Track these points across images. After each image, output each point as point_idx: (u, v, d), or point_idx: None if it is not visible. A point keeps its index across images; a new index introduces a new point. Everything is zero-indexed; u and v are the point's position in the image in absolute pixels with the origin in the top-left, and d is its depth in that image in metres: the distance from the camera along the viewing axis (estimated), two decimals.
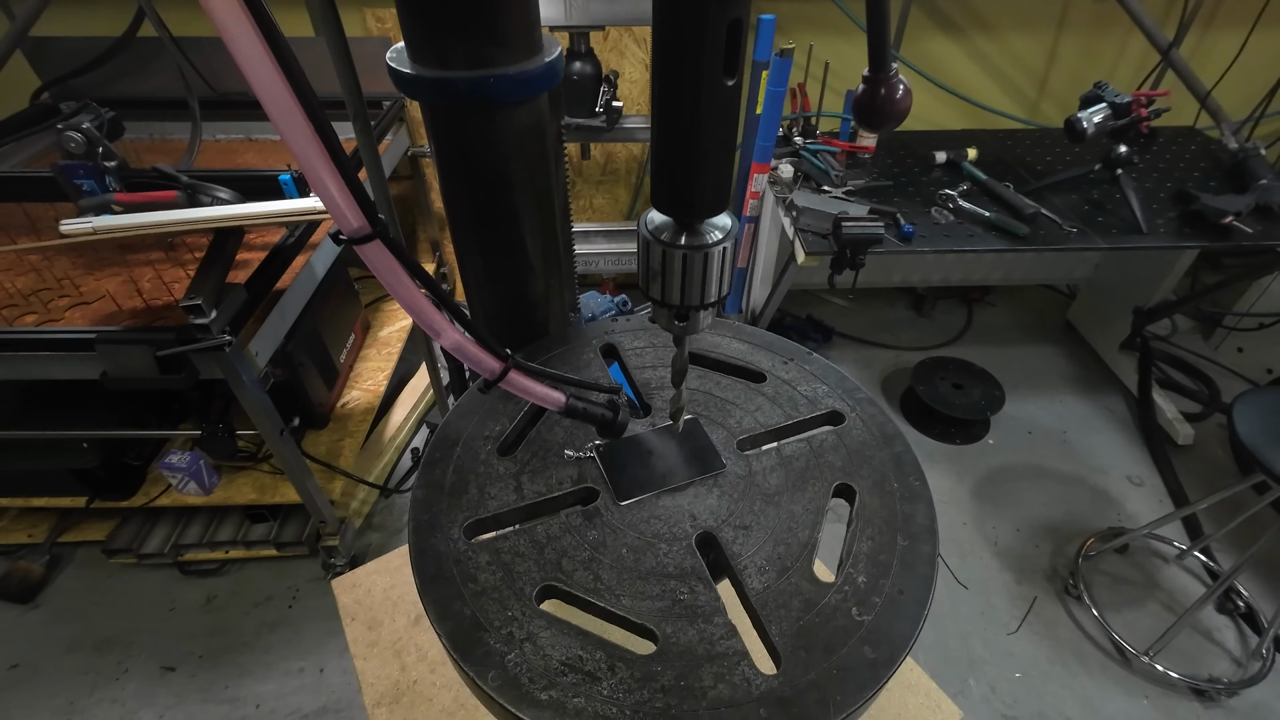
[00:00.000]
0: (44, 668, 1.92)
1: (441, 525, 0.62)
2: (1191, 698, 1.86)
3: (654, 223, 0.48)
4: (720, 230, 0.48)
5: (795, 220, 1.98)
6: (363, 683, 1.15)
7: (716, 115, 0.40)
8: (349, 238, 0.41)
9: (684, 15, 0.36)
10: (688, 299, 0.50)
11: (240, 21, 0.33)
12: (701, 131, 0.41)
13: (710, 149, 0.42)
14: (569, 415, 0.63)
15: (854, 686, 0.51)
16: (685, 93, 0.39)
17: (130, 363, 1.44)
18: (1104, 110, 1.92)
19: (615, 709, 0.49)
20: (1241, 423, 1.58)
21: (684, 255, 0.47)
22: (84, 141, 1.79)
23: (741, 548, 0.61)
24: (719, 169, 0.44)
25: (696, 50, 0.37)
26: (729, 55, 0.37)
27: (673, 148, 0.43)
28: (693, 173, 0.43)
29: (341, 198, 0.39)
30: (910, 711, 1.11)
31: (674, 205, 0.46)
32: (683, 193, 0.45)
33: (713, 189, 0.44)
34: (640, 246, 0.49)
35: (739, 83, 0.40)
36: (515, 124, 0.71)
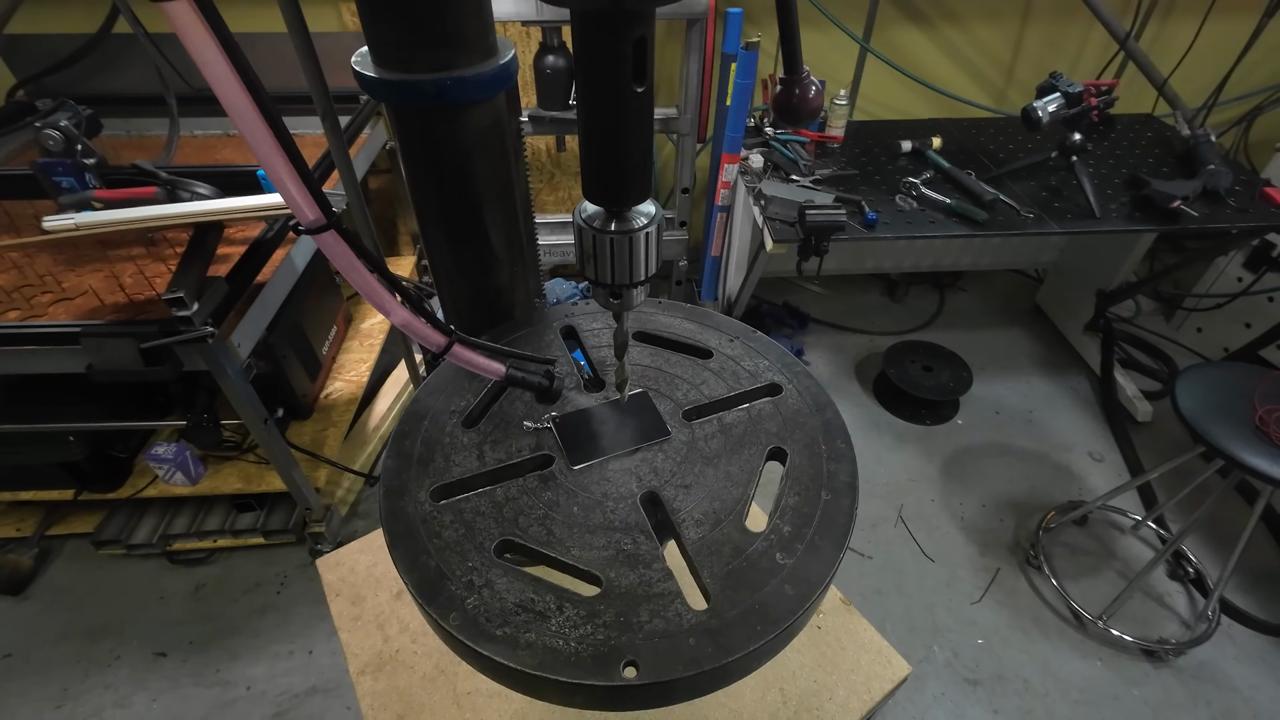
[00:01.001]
0: (36, 657, 1.97)
1: (410, 490, 0.68)
2: (1142, 659, 1.96)
3: (586, 212, 0.54)
4: (645, 216, 0.54)
5: (764, 209, 2.05)
6: (347, 653, 1.21)
7: (632, 118, 0.46)
8: (305, 229, 0.47)
9: (596, 36, 0.42)
10: (619, 278, 0.56)
11: (196, 26, 0.38)
12: (620, 132, 0.47)
13: (629, 147, 0.48)
14: (509, 384, 0.69)
15: (773, 618, 0.58)
16: (604, 100, 0.45)
17: (115, 355, 1.48)
18: (1058, 99, 2.00)
19: (562, 641, 0.56)
20: (1183, 396, 1.67)
21: (612, 239, 0.53)
22: (63, 139, 1.82)
23: (681, 504, 0.68)
24: (639, 163, 0.50)
25: (610, 65, 0.43)
26: (637, 67, 0.44)
27: (597, 147, 0.49)
28: (617, 167, 0.50)
29: (298, 192, 0.45)
30: (863, 668, 1.19)
31: (603, 196, 0.53)
32: (609, 185, 0.51)
33: (635, 181, 0.51)
34: (575, 234, 0.55)
35: (650, 89, 0.46)
36: (476, 123, 0.76)
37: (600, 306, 0.87)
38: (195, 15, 0.38)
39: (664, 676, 0.54)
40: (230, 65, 0.40)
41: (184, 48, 0.41)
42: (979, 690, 1.91)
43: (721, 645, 0.56)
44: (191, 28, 0.38)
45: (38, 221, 2.04)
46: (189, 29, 0.38)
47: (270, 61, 2.54)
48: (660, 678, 0.54)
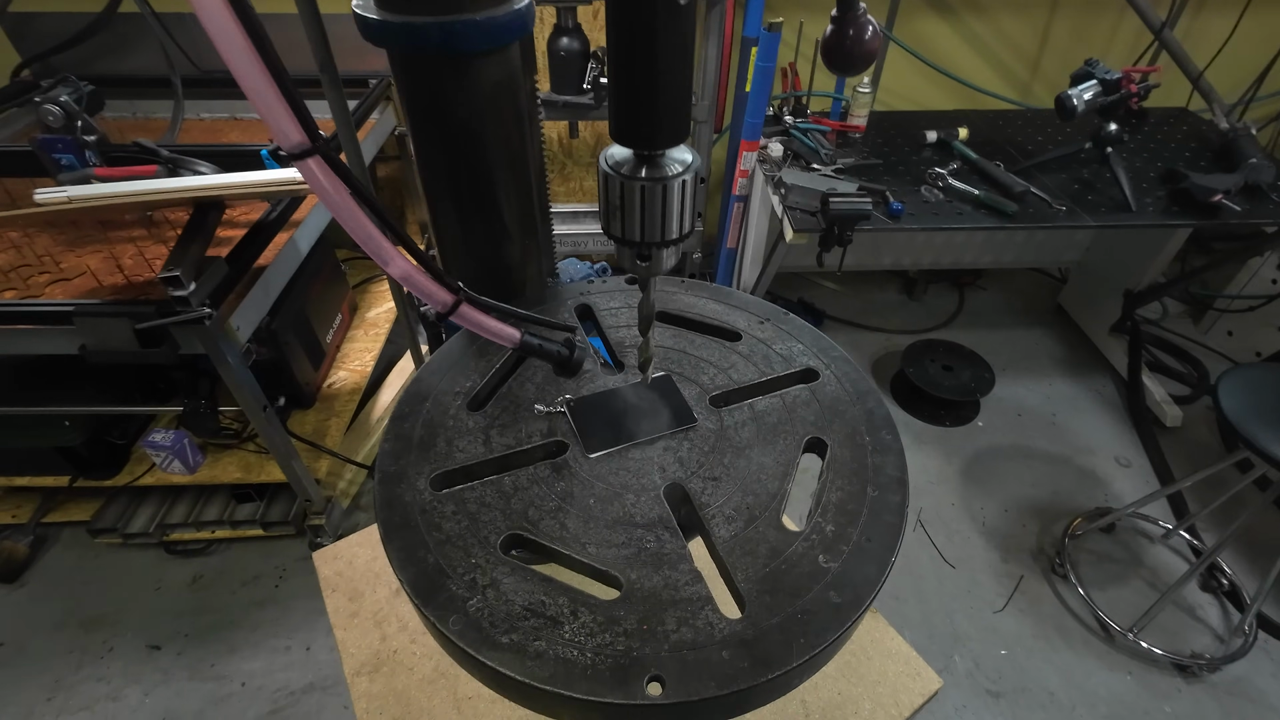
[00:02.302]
0: (30, 646, 1.92)
1: (408, 477, 0.62)
2: (1174, 673, 1.88)
3: (614, 157, 0.47)
4: (680, 163, 0.47)
5: (784, 198, 1.97)
6: (343, 652, 1.15)
7: (671, 39, 0.40)
8: (288, 154, 0.40)
9: None
10: (648, 235, 0.49)
11: None
12: (656, 57, 0.40)
13: (666, 75, 0.41)
14: (524, 352, 0.62)
15: (817, 629, 0.50)
16: (639, 16, 0.38)
17: (109, 336, 1.43)
18: (1094, 87, 1.91)
19: (576, 651, 0.49)
20: (1227, 398, 1.58)
21: (643, 188, 0.46)
22: (63, 115, 1.77)
23: (710, 498, 0.61)
24: (677, 97, 0.43)
25: None
26: None
27: (628, 75, 0.42)
28: (650, 100, 0.42)
29: (281, 109, 0.38)
30: (890, 679, 1.12)
31: (633, 135, 0.46)
32: (641, 122, 0.44)
33: (670, 117, 0.44)
34: (600, 182, 0.48)
35: (692, 6, 0.39)
36: (486, 76, 0.69)
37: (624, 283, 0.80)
38: None
39: (693, 695, 0.47)
40: None
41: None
42: (1002, 703, 1.83)
43: (759, 659, 0.49)
44: None
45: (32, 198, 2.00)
46: None
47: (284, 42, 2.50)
48: (689, 696, 0.47)
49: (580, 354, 0.65)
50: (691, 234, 0.50)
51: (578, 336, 0.67)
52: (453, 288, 0.53)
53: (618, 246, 0.52)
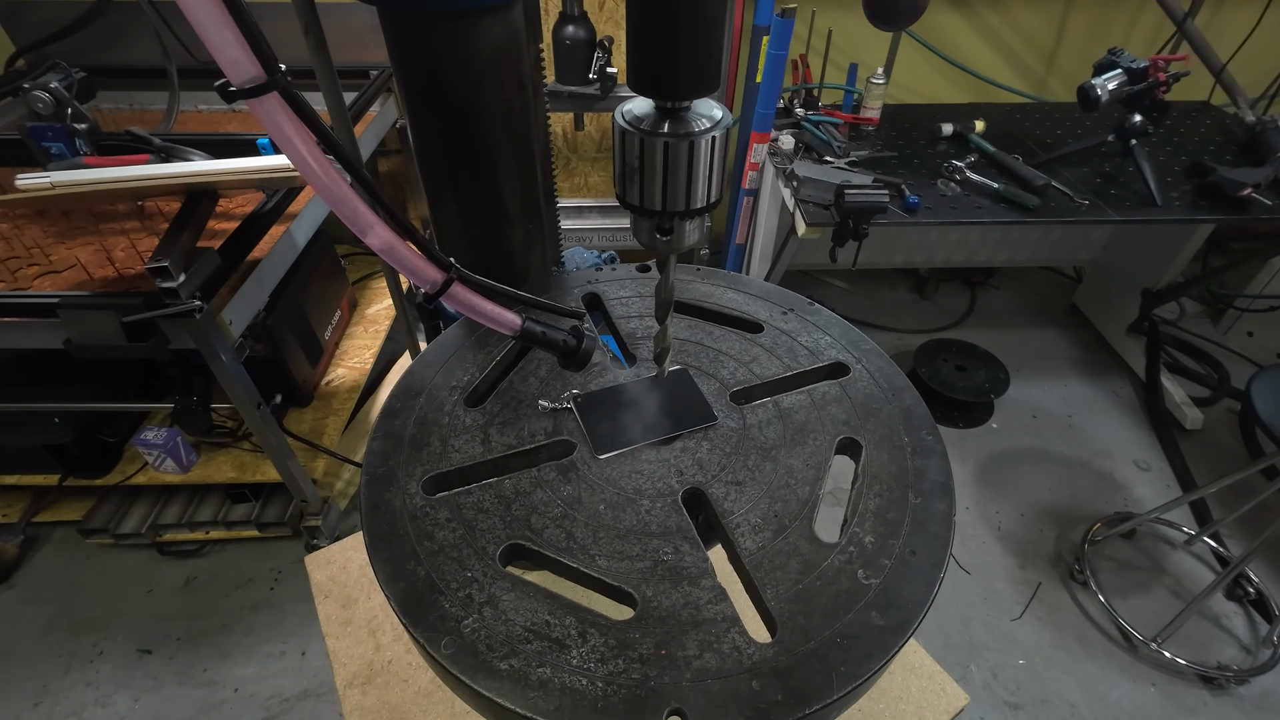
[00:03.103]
0: (17, 649, 1.87)
1: (398, 479, 0.55)
2: (1199, 685, 1.81)
3: (632, 111, 0.41)
4: (708, 119, 0.41)
5: (796, 191, 1.91)
6: (334, 662, 1.09)
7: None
8: (239, 88, 0.34)
9: None
10: (670, 203, 0.42)
11: None
12: None
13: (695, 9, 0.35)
14: (525, 340, 0.56)
15: (859, 656, 0.44)
16: None
17: (96, 329, 1.37)
18: (1119, 76, 1.85)
19: (585, 680, 0.43)
20: (1261, 401, 1.51)
21: (666, 145, 0.40)
22: (52, 102, 1.71)
23: (734, 505, 0.55)
24: (705, 36, 0.37)
25: None
26: None
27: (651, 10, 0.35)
28: (673, 38, 0.36)
29: (230, 35, 0.32)
30: (914, 695, 1.05)
31: (653, 83, 0.39)
32: (663, 65, 0.38)
33: (697, 60, 0.37)
34: (615, 140, 0.41)
35: None
36: (486, 38, 0.63)
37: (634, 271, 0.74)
38: None
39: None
40: None
41: None
42: (1021, 715, 1.76)
43: (794, 691, 0.42)
44: None
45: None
46: None
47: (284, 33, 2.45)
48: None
49: (589, 344, 0.59)
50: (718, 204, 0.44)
51: (585, 325, 0.60)
52: (444, 264, 0.47)
53: (634, 219, 0.45)
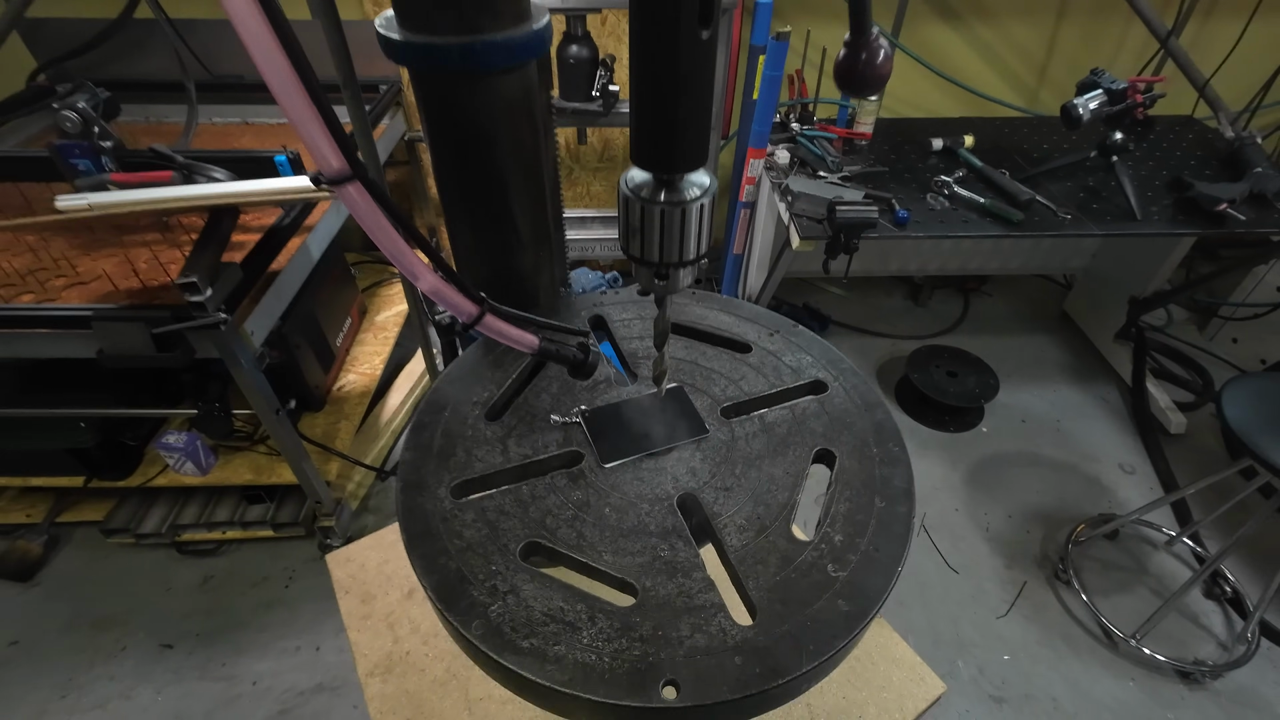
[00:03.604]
0: (42, 645, 1.94)
1: (429, 486, 0.63)
2: (1177, 680, 1.88)
3: (634, 180, 0.49)
4: (698, 187, 0.49)
5: (790, 205, 1.99)
6: (356, 654, 1.17)
7: (693, 66, 0.41)
8: (329, 179, 0.42)
9: None
10: (667, 255, 0.51)
11: None
12: (678, 83, 0.42)
13: (688, 102, 0.43)
14: (542, 356, 0.64)
15: (826, 636, 0.52)
16: (662, 43, 0.40)
17: (126, 340, 1.45)
18: (1100, 97, 1.93)
19: (594, 656, 0.51)
20: (1230, 407, 1.59)
21: (662, 211, 0.48)
22: (80, 121, 1.79)
23: (722, 508, 0.62)
24: (698, 122, 0.45)
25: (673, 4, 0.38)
26: (704, 5, 0.38)
27: (650, 99, 0.44)
28: (670, 124, 0.44)
29: (322, 136, 0.40)
30: (895, 684, 1.13)
31: (653, 159, 0.47)
32: (661, 146, 0.46)
33: (690, 142, 0.45)
34: (620, 204, 0.50)
35: (715, 35, 0.41)
36: (504, 92, 0.71)
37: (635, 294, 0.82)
38: None
39: (707, 699, 0.48)
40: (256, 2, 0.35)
41: None
42: (1005, 709, 1.83)
43: (770, 666, 0.50)
44: None
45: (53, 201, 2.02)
46: None
47: None
48: (703, 700, 0.48)
49: (594, 357, 0.67)
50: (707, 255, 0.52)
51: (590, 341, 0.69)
52: (477, 299, 0.55)
53: (635, 266, 0.53)
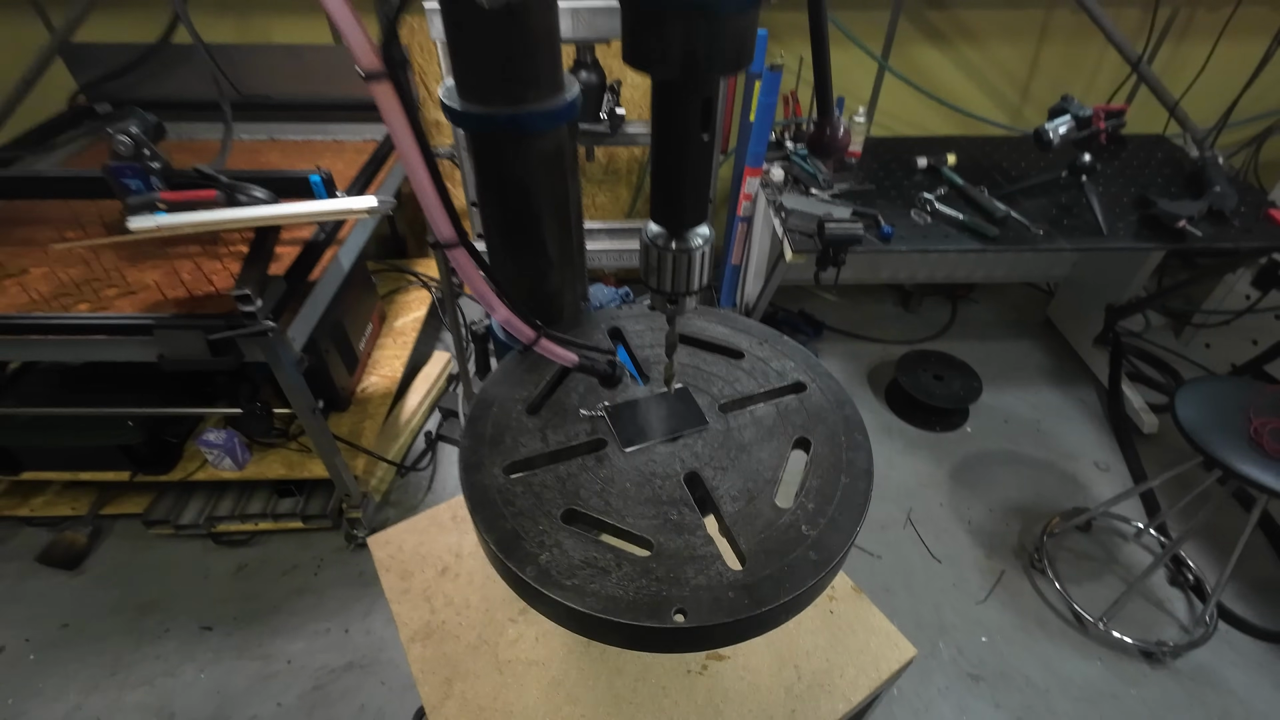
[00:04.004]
0: (91, 627, 2.09)
1: (484, 466, 0.79)
2: (1141, 660, 2.04)
3: (652, 231, 0.65)
4: (701, 237, 0.65)
5: (784, 221, 2.15)
6: (398, 622, 1.32)
7: (697, 159, 0.57)
8: (442, 243, 0.58)
9: (670, 95, 0.53)
10: (677, 288, 0.67)
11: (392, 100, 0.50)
12: (686, 170, 0.58)
13: (694, 182, 0.59)
14: (580, 370, 0.81)
15: (799, 578, 0.68)
16: (675, 144, 0.56)
17: (184, 346, 1.61)
18: (1068, 122, 2.09)
19: (621, 591, 0.66)
20: (1182, 408, 1.75)
21: (674, 255, 0.64)
22: (132, 144, 1.95)
23: (719, 483, 0.78)
24: (701, 194, 0.61)
25: (681, 113, 0.54)
26: (705, 120, 0.54)
27: (666, 180, 0.59)
28: (681, 198, 0.60)
29: (438, 210, 0.55)
30: (872, 649, 1.28)
31: (666, 218, 0.63)
32: (673, 209, 0.62)
33: (695, 208, 0.61)
34: (642, 249, 0.66)
35: (713, 136, 0.57)
36: (541, 149, 0.87)
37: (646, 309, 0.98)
38: (393, 94, 0.49)
39: (709, 622, 0.64)
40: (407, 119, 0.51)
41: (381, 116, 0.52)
42: (982, 685, 1.99)
43: (756, 598, 0.66)
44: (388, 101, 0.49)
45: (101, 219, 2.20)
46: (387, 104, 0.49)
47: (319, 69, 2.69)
48: (705, 623, 0.64)
49: (620, 371, 0.83)
50: (708, 285, 0.68)
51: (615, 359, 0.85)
52: (535, 326, 0.71)
53: (652, 294, 0.69)
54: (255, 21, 2.80)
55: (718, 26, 0.47)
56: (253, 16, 2.80)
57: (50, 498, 2.35)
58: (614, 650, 1.25)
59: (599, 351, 0.83)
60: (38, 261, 1.96)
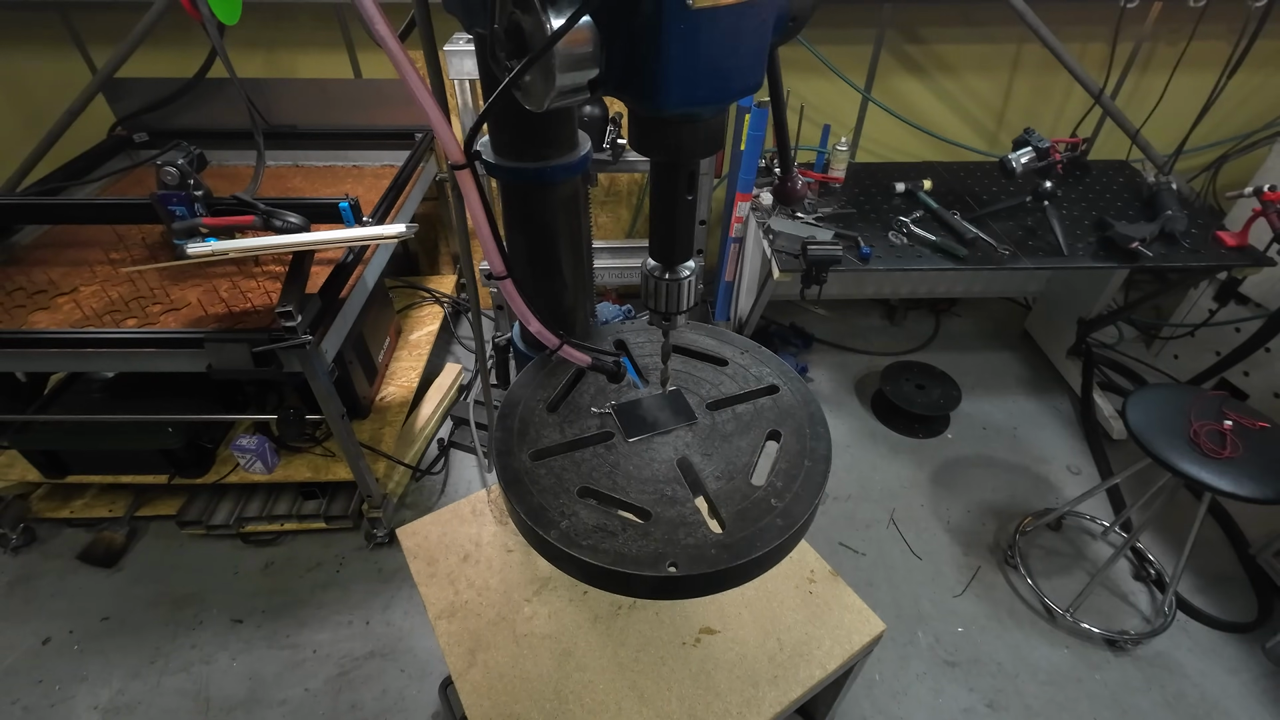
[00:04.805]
0: (130, 620, 2.25)
1: (514, 453, 0.97)
2: (1104, 648, 2.20)
3: (650, 264, 0.84)
4: (688, 269, 0.83)
5: (772, 242, 2.34)
6: (426, 603, 1.49)
7: (683, 213, 0.76)
8: (495, 276, 0.76)
9: (664, 170, 0.72)
10: (670, 309, 0.85)
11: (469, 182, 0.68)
12: (677, 221, 0.76)
13: (680, 229, 0.77)
14: (592, 368, 0.99)
15: (767, 538, 0.85)
16: (668, 203, 0.75)
17: (231, 358, 1.79)
18: (1030, 153, 2.29)
19: (627, 549, 0.84)
20: (1132, 413, 1.93)
21: (667, 284, 0.83)
22: (178, 174, 2.14)
23: (705, 466, 0.96)
24: (688, 239, 0.79)
25: (673, 183, 0.73)
26: (689, 186, 0.73)
27: (661, 228, 0.78)
28: (672, 240, 0.79)
29: (495, 254, 0.74)
30: (846, 625, 1.45)
31: (661, 255, 0.82)
32: (665, 249, 0.80)
33: (683, 249, 0.80)
34: (642, 279, 0.84)
35: (696, 197, 0.75)
36: (560, 193, 1.06)
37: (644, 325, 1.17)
38: (470, 178, 0.67)
39: (695, 571, 0.82)
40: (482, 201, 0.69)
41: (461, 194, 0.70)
42: (957, 671, 2.15)
43: (733, 553, 0.84)
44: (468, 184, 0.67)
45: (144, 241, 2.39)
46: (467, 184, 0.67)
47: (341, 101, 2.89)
48: (693, 572, 0.82)
49: (623, 370, 1.02)
50: (695, 306, 0.86)
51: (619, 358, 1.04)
52: (559, 335, 0.90)
53: (650, 313, 0.88)
54: (282, 57, 3.02)
55: (699, 128, 0.66)
56: (279, 52, 3.02)
57: (89, 500, 2.51)
58: (618, 624, 1.43)
59: (606, 354, 1.01)
60: (87, 280, 2.14)
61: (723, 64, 0.60)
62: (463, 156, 0.66)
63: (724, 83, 0.61)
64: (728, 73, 0.61)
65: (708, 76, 0.60)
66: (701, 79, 0.59)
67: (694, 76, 0.59)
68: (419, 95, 0.61)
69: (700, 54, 0.58)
